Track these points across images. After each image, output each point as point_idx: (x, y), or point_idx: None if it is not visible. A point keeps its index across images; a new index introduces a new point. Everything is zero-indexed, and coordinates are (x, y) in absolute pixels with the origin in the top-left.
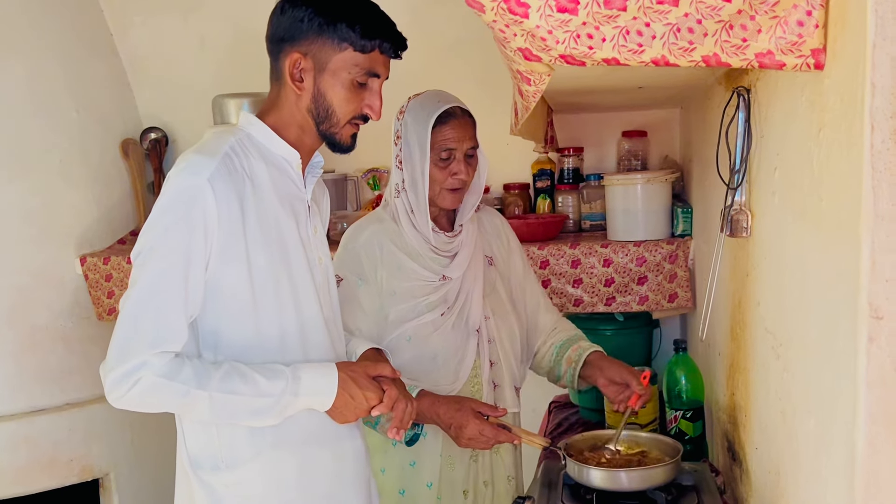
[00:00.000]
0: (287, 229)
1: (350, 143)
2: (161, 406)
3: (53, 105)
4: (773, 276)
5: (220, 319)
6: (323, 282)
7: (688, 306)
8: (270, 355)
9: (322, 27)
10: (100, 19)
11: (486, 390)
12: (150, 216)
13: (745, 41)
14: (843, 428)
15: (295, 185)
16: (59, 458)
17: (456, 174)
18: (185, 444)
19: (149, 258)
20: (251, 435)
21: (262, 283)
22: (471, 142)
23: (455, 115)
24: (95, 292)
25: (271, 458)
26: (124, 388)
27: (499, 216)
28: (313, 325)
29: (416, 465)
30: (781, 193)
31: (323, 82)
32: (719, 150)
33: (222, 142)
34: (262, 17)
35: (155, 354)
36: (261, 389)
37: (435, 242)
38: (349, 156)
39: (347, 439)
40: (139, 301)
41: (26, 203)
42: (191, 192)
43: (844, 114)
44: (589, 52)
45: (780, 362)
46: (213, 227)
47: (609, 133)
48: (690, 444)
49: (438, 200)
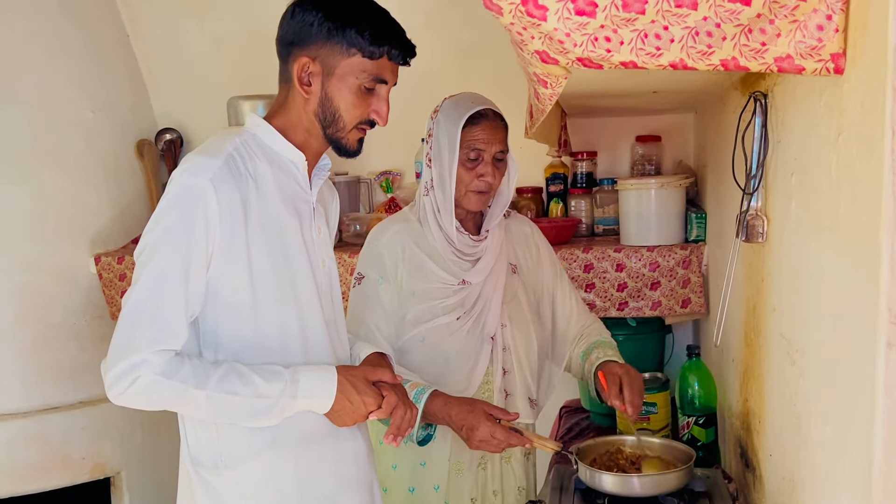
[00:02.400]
0: (290, 230)
1: (356, 148)
2: (160, 404)
3: (69, 105)
4: (789, 281)
5: (221, 319)
6: (325, 284)
7: (701, 312)
8: (271, 356)
9: (331, 32)
10: (116, 20)
11: (497, 398)
12: (153, 215)
13: (764, 45)
14: (860, 434)
15: (300, 187)
16: (71, 456)
17: (482, 176)
18: (187, 442)
19: (150, 257)
20: (250, 434)
21: (262, 284)
22: (500, 145)
23: (487, 117)
24: (109, 291)
25: (270, 457)
26: (123, 385)
27: (529, 223)
28: (314, 326)
29: (426, 466)
30: (799, 199)
31: (331, 87)
32: (735, 154)
33: (226, 142)
34: (276, 19)
35: (154, 352)
36: (259, 391)
37: (459, 245)
38: (362, 158)
39: (348, 440)
40: (140, 299)
41: (42, 202)
42: (193, 193)
43: (864, 119)
44: (606, 55)
45: (796, 368)
46: (214, 227)
47: (623, 137)
48: (703, 450)
49: (464, 202)
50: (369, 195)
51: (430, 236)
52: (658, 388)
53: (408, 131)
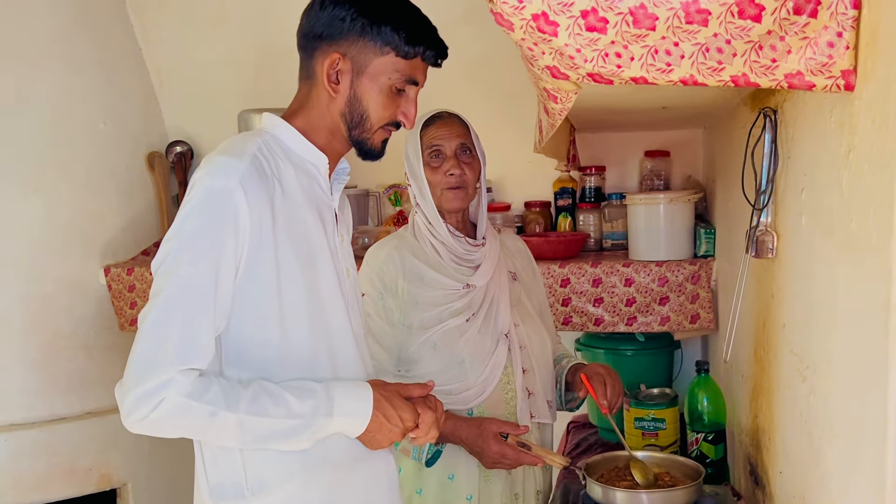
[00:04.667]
0: (316, 237)
1: (380, 150)
2: (185, 430)
3: (81, 117)
4: (799, 297)
5: (246, 333)
6: (352, 295)
7: (710, 328)
8: (299, 373)
9: (365, 28)
10: (129, 33)
11: (521, 397)
12: (176, 221)
13: (774, 62)
14: (872, 452)
15: (322, 191)
16: (78, 467)
17: (449, 171)
18: (206, 472)
19: (176, 265)
20: (278, 459)
21: (290, 295)
22: (460, 139)
23: (441, 117)
24: (118, 302)
25: (300, 483)
26: (146, 409)
27: (521, 241)
28: (343, 340)
29: (454, 479)
30: (809, 215)
31: (360, 86)
32: (745, 170)
33: (249, 143)
34: (288, 32)
35: (180, 372)
36: (292, 410)
37: (457, 249)
38: (371, 171)
39: (381, 462)
40: (164, 312)
41: (53, 213)
42: (221, 195)
43: (875, 135)
44: (617, 70)
45: (807, 385)
46: (244, 232)
47: (631, 152)
48: (712, 466)
49: (443, 203)
50: (378, 208)
51: (428, 250)
52: (667, 403)
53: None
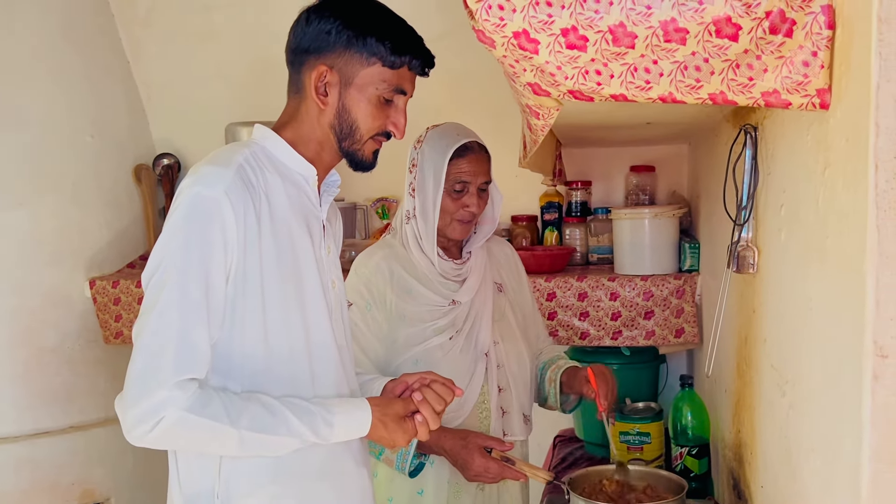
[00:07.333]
0: (302, 248)
1: (372, 160)
2: (187, 444)
3: (68, 129)
4: (779, 312)
5: (234, 343)
6: (336, 306)
7: (694, 342)
8: (281, 383)
9: (351, 40)
10: (117, 47)
11: (495, 416)
12: (164, 233)
13: (751, 80)
14: (847, 467)
15: (311, 203)
16: (61, 482)
17: (467, 206)
18: (179, 480)
19: (167, 277)
20: (251, 469)
21: (274, 305)
22: (485, 176)
23: (472, 150)
24: (103, 315)
25: (270, 493)
26: (147, 426)
27: (509, 246)
28: (324, 351)
29: (423, 494)
30: (788, 230)
31: (349, 97)
32: (726, 186)
33: (236, 153)
34: (276, 45)
35: (179, 384)
36: (292, 429)
37: (441, 269)
38: (358, 185)
39: (353, 475)
40: (161, 324)
41: (38, 225)
42: (208, 205)
43: (849, 153)
44: (597, 87)
45: (786, 400)
46: (231, 241)
47: (617, 167)
48: (696, 481)
49: (448, 231)
50: (365, 221)
51: (414, 261)
52: (652, 418)
53: (403, 158)
